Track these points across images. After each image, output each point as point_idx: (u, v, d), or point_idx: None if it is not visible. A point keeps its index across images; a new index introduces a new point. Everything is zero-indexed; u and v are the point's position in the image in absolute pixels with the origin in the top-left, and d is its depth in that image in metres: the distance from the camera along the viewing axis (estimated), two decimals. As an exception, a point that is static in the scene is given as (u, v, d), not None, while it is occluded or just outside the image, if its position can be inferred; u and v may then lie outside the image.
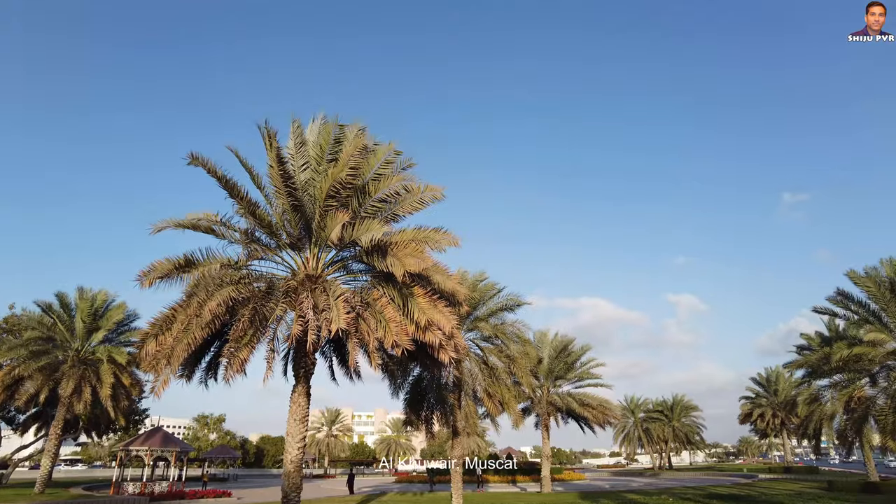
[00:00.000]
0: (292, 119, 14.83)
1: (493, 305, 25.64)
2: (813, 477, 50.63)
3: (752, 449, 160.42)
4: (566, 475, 57.71)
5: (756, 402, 66.84)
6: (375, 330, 12.51)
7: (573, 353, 38.99)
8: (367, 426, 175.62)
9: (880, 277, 21.68)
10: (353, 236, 12.69)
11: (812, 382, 31.13)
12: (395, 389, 21.56)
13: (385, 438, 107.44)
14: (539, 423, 39.25)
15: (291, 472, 13.71)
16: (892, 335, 21.48)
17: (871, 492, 30.09)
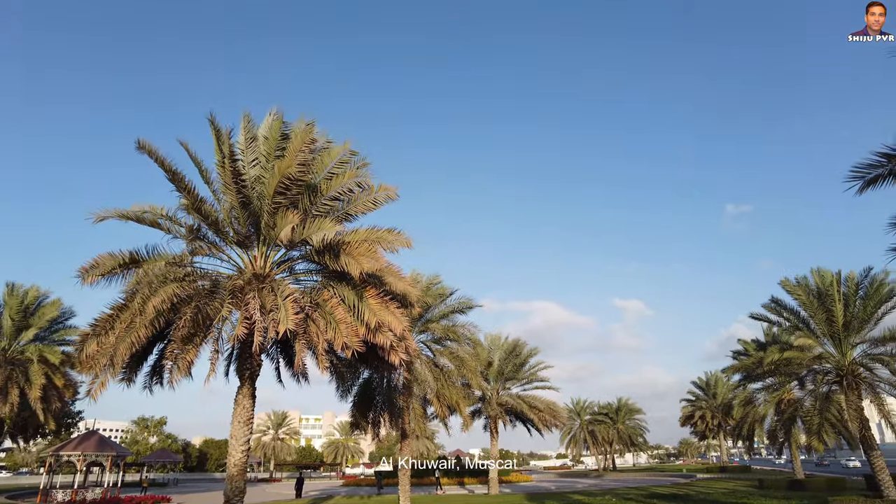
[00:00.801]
0: (243, 114, 14.48)
1: (446, 308, 25.78)
2: (746, 476, 52.88)
3: (692, 450, 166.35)
4: (513, 477, 58.33)
5: (696, 404, 69.37)
6: (325, 331, 12.31)
7: (522, 356, 39.57)
8: (314, 429, 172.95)
9: (810, 287, 22.93)
10: (304, 235, 12.44)
11: (747, 386, 32.57)
12: (343, 392, 21.32)
13: (333, 442, 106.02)
14: (488, 426, 39.61)
15: (235, 475, 13.35)
16: (819, 341, 22.76)
17: (796, 489, 31.75)
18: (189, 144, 13.54)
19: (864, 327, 21.90)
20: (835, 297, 22.14)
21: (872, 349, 22.18)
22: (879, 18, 8.67)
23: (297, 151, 12.87)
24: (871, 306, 21.46)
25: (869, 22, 8.55)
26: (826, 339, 22.80)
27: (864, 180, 9.72)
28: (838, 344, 22.43)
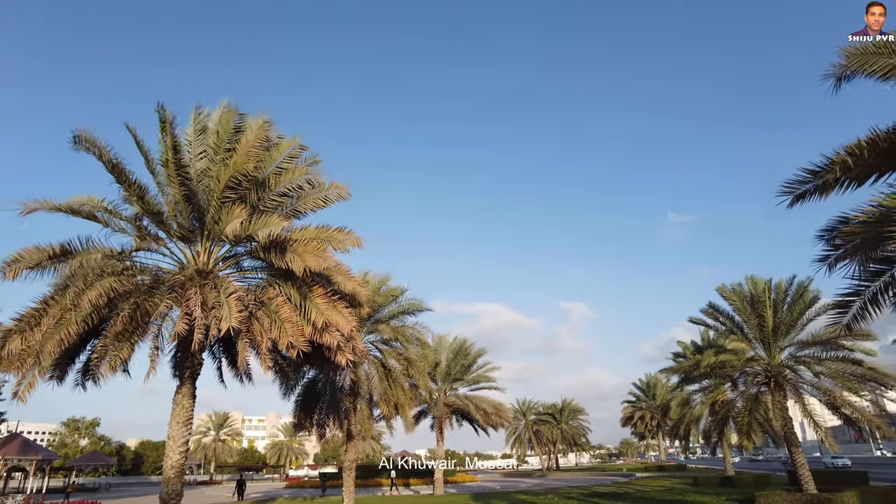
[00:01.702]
0: (195, 105, 14.00)
1: (396, 308, 25.69)
2: (682, 474, 55.01)
3: (632, 450, 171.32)
4: (459, 477, 58.65)
5: (637, 405, 71.54)
6: (269, 330, 12.05)
7: (470, 357, 39.86)
8: (258, 430, 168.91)
9: (744, 293, 24.05)
10: (251, 231, 12.11)
11: (684, 387, 33.81)
12: (286, 392, 20.91)
13: (277, 443, 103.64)
14: (435, 426, 39.70)
15: (172, 478, 12.87)
16: (751, 344, 23.91)
17: (727, 485, 33.32)
18: (137, 131, 12.95)
19: (791, 332, 23.15)
20: (766, 303, 23.30)
21: (798, 352, 23.46)
22: (879, 18, 8.81)
23: (250, 147, 12.59)
24: (797, 312, 22.71)
25: (869, 22, 8.75)
26: (757, 342, 23.94)
27: (794, 195, 10.27)
28: (768, 347, 23.61)
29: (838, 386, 22.42)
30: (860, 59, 8.64)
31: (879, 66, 8.49)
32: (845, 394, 22.50)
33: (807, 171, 9.87)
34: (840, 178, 9.45)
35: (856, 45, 8.76)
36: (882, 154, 8.97)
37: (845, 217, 9.96)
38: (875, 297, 11.31)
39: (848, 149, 9.02)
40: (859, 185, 9.91)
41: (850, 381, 21.98)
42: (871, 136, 8.86)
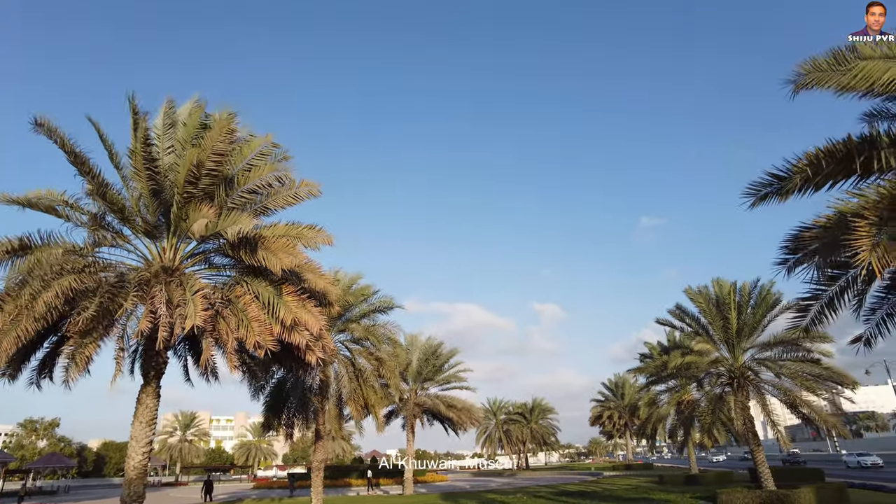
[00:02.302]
0: (166, 98, 13.69)
1: (367, 307, 25.57)
2: (648, 472, 55.98)
3: (601, 449, 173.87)
4: (429, 477, 58.67)
5: (605, 405, 72.54)
6: (236, 329, 11.84)
7: (442, 357, 39.90)
8: (226, 431, 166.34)
9: (710, 295, 24.60)
10: (219, 228, 11.87)
11: (652, 387, 34.42)
12: (254, 391, 20.65)
13: (245, 443, 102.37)
14: (405, 426, 39.62)
15: (134, 479, 12.55)
16: (716, 346, 24.48)
17: (692, 483, 34.08)
18: (102, 126, 12.62)
19: (754, 333, 23.78)
20: (730, 305, 23.88)
21: (760, 353, 24.11)
22: (879, 18, 8.76)
23: (214, 141, 12.32)
24: (759, 314, 23.34)
25: (869, 22, 8.75)
26: (722, 344, 24.52)
27: (757, 196, 10.54)
28: (732, 349, 24.20)
29: (798, 386, 23.12)
30: (814, 75, 8.90)
31: (834, 83, 8.76)
32: (804, 394, 23.21)
33: (770, 175, 10.14)
34: (800, 184, 9.74)
35: (811, 61, 9.01)
36: (838, 162, 9.28)
37: (805, 223, 10.28)
38: (832, 301, 11.69)
39: (807, 156, 9.30)
40: (817, 190, 10.22)
41: (809, 381, 22.70)
42: (827, 145, 9.15)
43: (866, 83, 8.49)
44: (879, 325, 11.97)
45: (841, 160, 9.27)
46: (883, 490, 24.61)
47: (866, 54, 8.57)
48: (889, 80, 8.29)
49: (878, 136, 9.05)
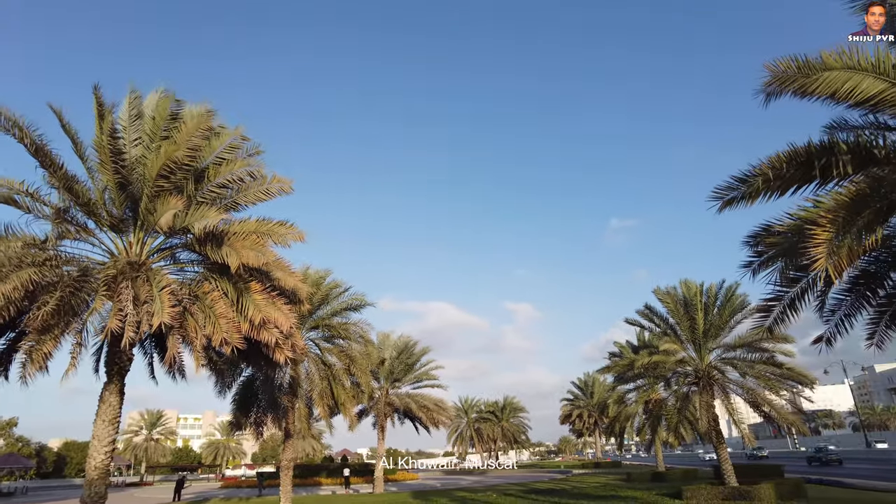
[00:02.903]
0: (129, 88, 13.35)
1: (338, 305, 25.43)
2: (616, 470, 56.80)
3: (570, 447, 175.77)
4: (400, 475, 58.57)
5: (575, 403, 73.34)
6: (204, 326, 11.64)
7: (414, 355, 39.92)
8: (194, 429, 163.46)
9: (678, 296, 25.09)
10: (186, 223, 11.66)
11: (620, 386, 34.94)
12: (222, 390, 20.33)
13: (213, 442, 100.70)
14: (376, 424, 39.52)
15: (95, 479, 12.25)
16: (683, 346, 24.98)
17: (658, 480, 34.76)
18: (64, 113, 12.23)
19: (720, 334, 24.35)
20: (697, 306, 24.40)
21: (725, 354, 24.71)
22: (879, 18, 8.71)
23: (190, 136, 12.11)
24: (725, 315, 23.91)
25: (870, 22, 8.74)
26: (689, 344, 25.03)
27: (723, 200, 10.78)
28: (698, 349, 24.73)
29: (761, 386, 23.73)
30: (781, 77, 9.15)
31: (797, 86, 9.02)
32: (766, 393, 23.85)
33: (735, 179, 10.37)
34: (763, 188, 10.00)
35: (779, 63, 9.27)
36: (800, 167, 9.57)
37: (768, 226, 10.58)
38: (793, 302, 12.02)
39: (770, 160, 9.57)
40: (781, 195, 10.50)
41: (772, 380, 23.34)
42: (789, 151, 9.43)
43: (829, 91, 8.76)
44: (839, 325, 12.38)
45: (801, 166, 9.55)
46: (840, 486, 25.47)
47: (830, 64, 8.84)
48: (849, 90, 8.59)
49: (837, 143, 9.35)
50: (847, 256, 8.52)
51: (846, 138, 9.52)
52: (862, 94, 8.52)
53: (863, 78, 8.56)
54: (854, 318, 12.23)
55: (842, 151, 9.30)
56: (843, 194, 8.72)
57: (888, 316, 12.18)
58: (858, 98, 8.63)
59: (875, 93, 8.50)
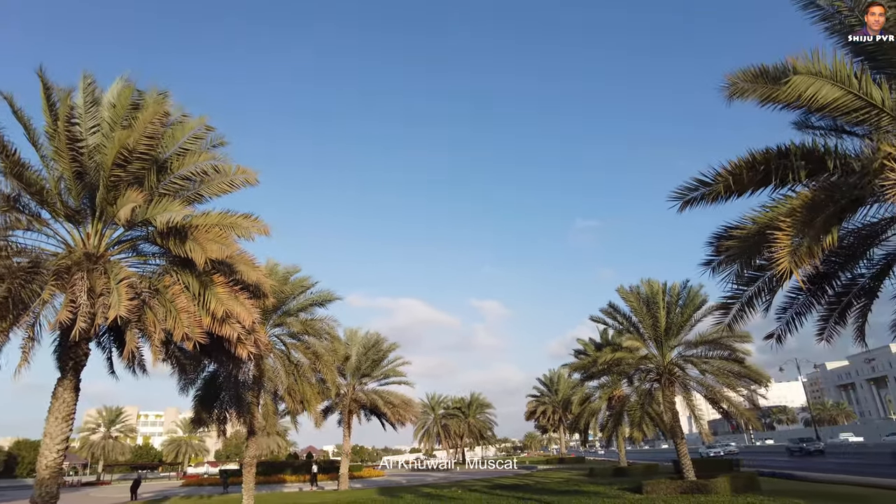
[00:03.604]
0: (83, 74, 12.89)
1: (304, 300, 25.15)
2: (580, 466, 57.68)
3: (536, 443, 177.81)
4: (365, 472, 58.34)
5: (541, 400, 74.15)
6: (164, 320, 11.36)
7: (381, 351, 39.75)
8: (155, 426, 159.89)
9: (641, 295, 25.62)
10: (148, 215, 11.32)
11: (585, 383, 35.55)
12: (184, 386, 19.91)
13: (175, 440, 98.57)
14: (342, 421, 39.26)
15: (46, 479, 11.79)
16: (646, 343, 25.52)
17: (620, 475, 35.44)
18: (15, 99, 11.75)
19: (681, 332, 24.98)
20: (660, 304, 24.97)
21: (686, 351, 25.36)
22: (879, 18, 8.69)
23: (146, 123, 11.72)
24: (687, 313, 24.55)
25: (870, 22, 8.75)
26: (651, 341, 25.59)
27: (683, 201, 11.04)
28: (660, 346, 25.30)
29: (719, 383, 24.46)
30: (741, 85, 9.42)
31: (760, 92, 9.29)
32: (725, 390, 24.58)
33: (696, 181, 10.63)
34: (723, 191, 10.27)
35: (739, 72, 9.54)
36: (758, 172, 9.86)
37: (729, 228, 10.87)
38: (750, 301, 12.39)
39: (730, 164, 9.83)
40: (740, 196, 10.82)
41: (730, 378, 24.07)
42: (748, 155, 9.71)
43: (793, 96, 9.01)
44: (789, 324, 12.86)
45: (760, 170, 9.85)
46: (791, 478, 26.40)
47: (797, 70, 9.09)
48: (810, 96, 8.85)
49: (793, 149, 9.66)
50: (807, 257, 8.81)
51: (801, 143, 9.83)
52: (821, 99, 8.80)
53: (822, 84, 8.84)
54: (804, 317, 12.72)
55: (797, 157, 9.62)
56: (800, 199, 9.03)
57: (837, 313, 12.69)
58: (818, 103, 8.92)
59: (832, 99, 8.81)
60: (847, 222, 10.63)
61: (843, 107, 8.79)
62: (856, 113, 8.88)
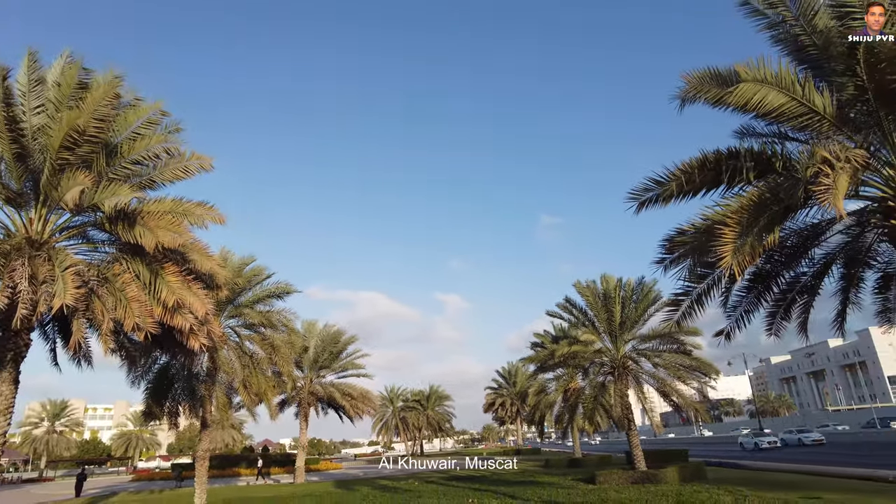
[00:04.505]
0: (28, 51, 12.23)
1: (261, 292, 24.71)
2: (536, 457, 58.64)
3: (493, 435, 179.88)
4: (322, 465, 57.96)
5: (498, 392, 74.86)
6: (113, 309, 10.96)
7: (340, 344, 39.42)
8: (104, 420, 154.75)
9: (597, 290, 26.18)
10: (96, 199, 10.83)
11: (541, 375, 36.09)
12: (135, 378, 19.31)
13: (125, 433, 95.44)
14: (299, 414, 38.82)
15: (-18, 474, 11.30)
16: (600, 336, 26.11)
17: (574, 466, 36.28)
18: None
19: (635, 326, 25.67)
20: (615, 299, 25.57)
21: (639, 345, 26.06)
22: (879, 18, 8.67)
23: (97, 104, 11.21)
24: (641, 309, 25.23)
25: (870, 22, 8.73)
26: (606, 335, 26.20)
27: (639, 202, 11.31)
28: (615, 340, 25.92)
29: (671, 376, 25.23)
30: (696, 86, 9.70)
31: (711, 95, 9.59)
32: (676, 383, 25.37)
33: (651, 181, 10.91)
34: (676, 191, 10.57)
35: (694, 72, 9.82)
36: (710, 172, 10.20)
37: (681, 228, 11.18)
38: (700, 297, 12.78)
39: (683, 165, 10.13)
40: (693, 196, 11.17)
41: (681, 371, 24.86)
42: (700, 156, 10.02)
43: (741, 101, 9.33)
44: (738, 321, 13.34)
45: (711, 171, 10.19)
46: (735, 467, 27.53)
47: (744, 77, 9.41)
48: (757, 102, 9.20)
49: (742, 151, 10.02)
50: (749, 254, 9.16)
51: (750, 146, 10.21)
52: (768, 105, 9.15)
53: (768, 91, 9.19)
54: (752, 314, 13.23)
55: (746, 159, 9.99)
56: (747, 198, 9.37)
57: (783, 310, 13.26)
58: (765, 109, 9.28)
59: (777, 105, 9.17)
60: (791, 222, 11.13)
61: (787, 112, 9.19)
62: (799, 119, 9.29)
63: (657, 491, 18.55)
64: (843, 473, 21.24)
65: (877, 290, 12.87)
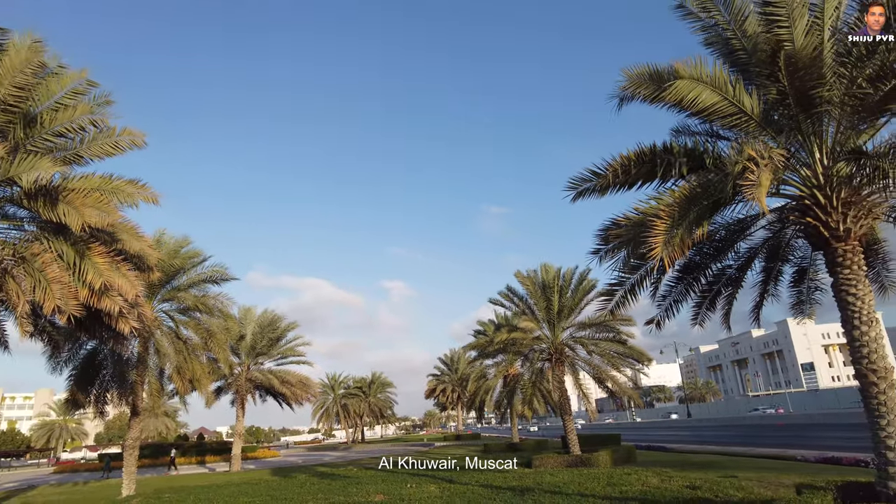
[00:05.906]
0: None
1: (196, 276, 23.83)
2: (475, 442, 59.72)
3: (435, 420, 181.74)
4: (260, 453, 56.97)
5: (440, 378, 75.57)
6: (32, 291, 10.34)
7: (279, 330, 38.69)
8: (24, 410, 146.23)
9: (537, 279, 26.72)
10: (12, 173, 10.12)
11: (482, 362, 36.62)
12: (58, 364, 18.28)
13: (47, 423, 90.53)
14: (236, 401, 37.91)
15: None
16: (539, 324, 26.69)
17: (513, 450, 37.10)
18: None
19: (572, 314, 26.37)
20: (554, 288, 26.17)
21: (576, 333, 26.82)
22: (879, 18, 8.69)
23: (15, 71, 10.44)
24: (578, 297, 25.94)
25: (870, 22, 8.79)
26: (544, 323, 26.80)
27: (577, 191, 11.57)
28: (553, 327, 26.56)
29: (605, 363, 26.11)
30: (636, 82, 9.96)
31: (649, 92, 9.87)
32: (610, 369, 26.27)
33: (590, 171, 11.17)
34: (613, 182, 10.86)
35: (635, 68, 10.07)
36: (646, 165, 10.53)
37: (616, 220, 11.50)
38: (633, 288, 13.21)
39: (620, 157, 10.42)
40: (630, 188, 11.50)
41: (615, 358, 25.79)
42: (637, 150, 10.33)
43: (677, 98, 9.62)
44: (668, 310, 13.89)
45: (647, 165, 10.53)
46: (663, 450, 28.88)
47: (682, 74, 9.71)
48: (692, 99, 9.52)
49: (676, 147, 10.39)
50: (679, 246, 9.53)
51: (684, 142, 10.60)
52: (701, 103, 9.50)
53: (703, 89, 9.53)
54: (681, 304, 13.81)
55: (680, 154, 10.37)
56: (679, 192, 9.73)
57: (708, 301, 13.90)
58: (699, 107, 9.62)
59: (711, 103, 9.54)
60: (720, 216, 11.65)
61: (719, 111, 9.59)
62: (730, 118, 9.72)
63: (590, 474, 19.21)
64: (757, 454, 22.81)
65: (792, 283, 13.68)
